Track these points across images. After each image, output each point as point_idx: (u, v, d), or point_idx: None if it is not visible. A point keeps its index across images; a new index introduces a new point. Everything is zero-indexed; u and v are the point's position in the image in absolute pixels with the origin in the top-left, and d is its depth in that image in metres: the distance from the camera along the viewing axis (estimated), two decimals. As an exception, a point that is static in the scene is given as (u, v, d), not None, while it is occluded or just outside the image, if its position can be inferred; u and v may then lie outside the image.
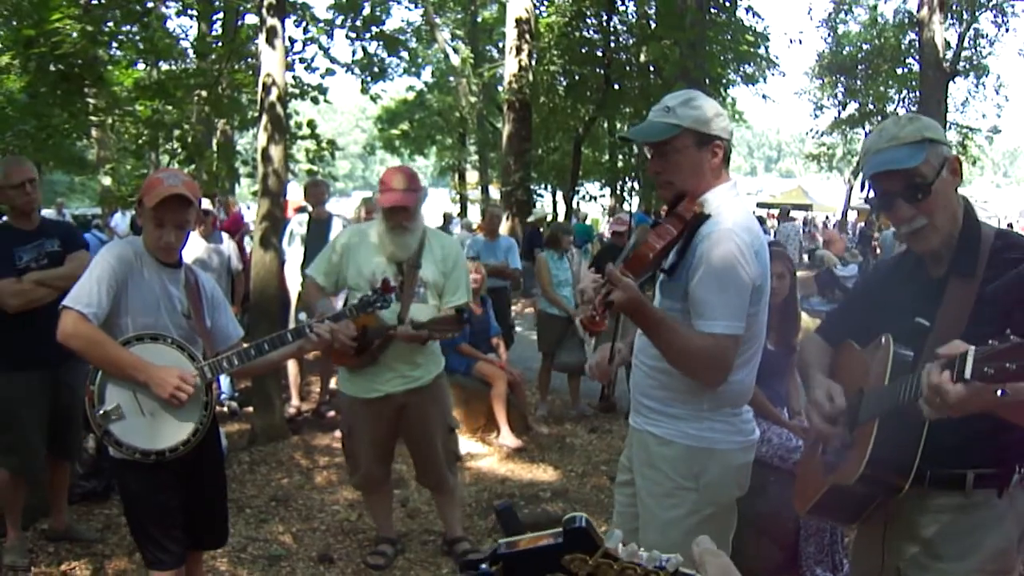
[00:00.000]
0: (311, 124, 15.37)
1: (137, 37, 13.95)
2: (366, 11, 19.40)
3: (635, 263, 3.36)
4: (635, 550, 1.43)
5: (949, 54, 31.22)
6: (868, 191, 3.02)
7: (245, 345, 4.44)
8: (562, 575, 1.45)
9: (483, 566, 1.48)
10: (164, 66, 17.23)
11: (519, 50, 23.58)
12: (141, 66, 17.48)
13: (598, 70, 27.98)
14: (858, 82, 42.11)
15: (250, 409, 9.38)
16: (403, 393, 5.73)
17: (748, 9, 29.96)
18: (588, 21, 27.84)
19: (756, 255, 3.37)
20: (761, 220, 24.51)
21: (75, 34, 11.03)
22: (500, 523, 6.70)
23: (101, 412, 4.00)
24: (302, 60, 17.26)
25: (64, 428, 5.99)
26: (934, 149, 2.86)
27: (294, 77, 16.31)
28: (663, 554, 1.44)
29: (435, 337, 5.64)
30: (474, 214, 37.45)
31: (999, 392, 2.14)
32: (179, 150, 14.97)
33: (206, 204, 9.60)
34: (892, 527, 3.10)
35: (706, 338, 3.29)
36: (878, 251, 26.72)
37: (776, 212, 35.70)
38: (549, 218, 28.39)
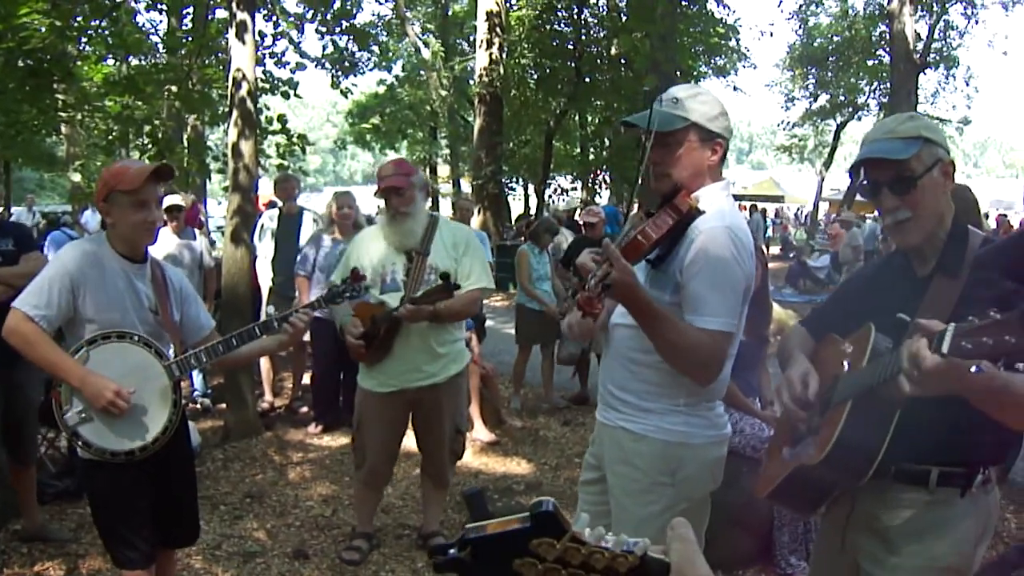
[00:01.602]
0: (282, 119, 15.34)
1: (106, 32, 13.87)
2: (336, 5, 19.37)
3: (630, 250, 3.30)
4: (602, 534, 1.44)
5: (919, 46, 31.37)
6: (860, 178, 3.04)
7: (213, 342, 4.42)
8: (530, 559, 1.46)
9: (452, 551, 1.49)
10: (134, 61, 17.18)
11: (490, 43, 23.57)
12: (111, 61, 17.38)
13: (569, 63, 28.01)
14: (829, 74, 42.22)
15: (223, 406, 9.36)
16: (416, 389, 5.74)
17: (718, 1, 30.03)
18: (559, 14, 27.89)
19: (749, 256, 3.39)
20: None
21: (43, 29, 10.95)
22: (468, 508, 6.71)
23: (69, 413, 3.97)
24: (272, 55, 17.28)
25: (16, 431, 5.95)
26: (928, 148, 2.88)
27: (264, 72, 16.31)
28: (630, 538, 1.44)
29: (433, 311, 5.52)
30: (446, 208, 37.41)
31: (974, 368, 2.15)
32: (149, 146, 14.92)
33: (178, 200, 9.58)
34: (853, 519, 3.12)
35: (702, 334, 3.26)
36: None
37: (745, 205, 35.86)
38: (532, 211, 28.45)
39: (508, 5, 25.59)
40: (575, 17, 27.57)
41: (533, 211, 31.18)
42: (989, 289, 2.75)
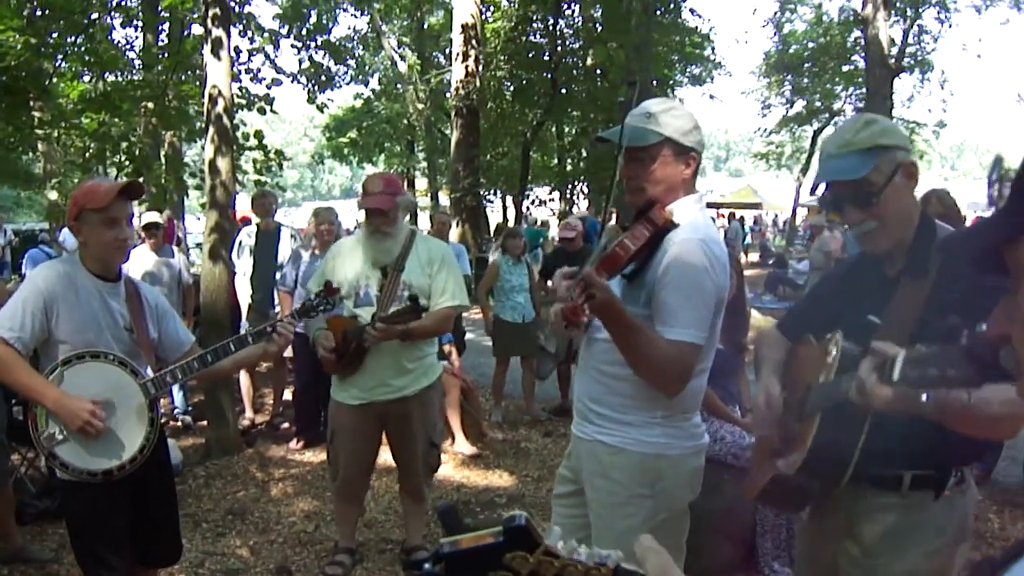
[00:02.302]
0: (258, 135, 15.35)
1: (82, 49, 13.87)
2: (312, 20, 19.43)
3: (609, 263, 3.33)
4: (575, 547, 1.45)
5: (894, 50, 31.48)
6: (821, 191, 3.06)
7: (188, 359, 4.41)
8: (504, 573, 1.46)
9: (426, 566, 1.50)
10: (110, 78, 17.13)
11: (466, 56, 23.58)
12: (87, 78, 17.34)
13: (545, 74, 28.08)
14: (805, 80, 42.28)
15: (204, 423, 9.34)
16: (385, 402, 5.73)
17: (692, 11, 30.18)
18: (534, 25, 27.97)
19: (723, 268, 3.40)
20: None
21: (19, 46, 10.94)
22: (441, 523, 6.73)
23: (46, 434, 3.96)
24: (248, 71, 17.26)
25: None
26: (886, 155, 2.88)
27: (240, 88, 16.30)
28: (603, 551, 1.46)
29: (404, 331, 5.51)
30: (424, 221, 37.41)
31: (924, 397, 2.17)
32: (126, 163, 14.89)
33: (156, 217, 9.57)
34: (832, 525, 3.14)
35: (671, 345, 3.28)
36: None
37: (724, 212, 35.99)
38: (509, 223, 28.46)
39: (484, 17, 25.64)
40: (550, 28, 27.65)
41: (511, 223, 31.18)
42: (954, 290, 2.74)
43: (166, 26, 19.78)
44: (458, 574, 1.50)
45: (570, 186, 35.49)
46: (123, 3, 17.63)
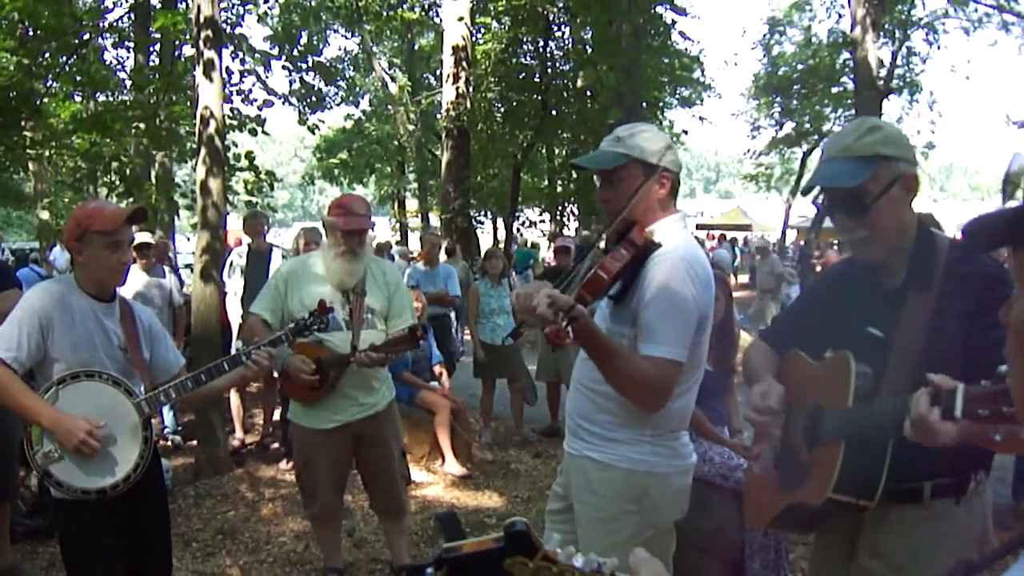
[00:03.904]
0: (249, 156, 15.33)
1: (74, 69, 13.87)
2: (303, 41, 19.46)
3: (592, 286, 3.38)
4: (572, 553, 1.48)
5: (883, 72, 31.59)
6: (815, 196, 3.07)
7: (182, 378, 4.43)
8: None
9: (428, 571, 1.53)
10: (101, 98, 17.15)
11: (456, 77, 23.60)
12: (78, 98, 17.38)
13: (535, 96, 28.07)
14: (794, 102, 42.32)
15: (194, 443, 9.35)
16: (359, 421, 5.74)
17: (682, 33, 30.21)
18: (525, 47, 27.96)
19: (705, 286, 3.44)
20: (700, 242, 24.65)
21: (11, 67, 10.96)
22: (442, 530, 6.73)
23: (40, 453, 3.98)
24: (240, 92, 17.24)
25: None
26: (886, 165, 2.87)
27: (232, 109, 16.28)
28: (599, 558, 1.49)
29: (392, 359, 5.67)
30: (414, 242, 37.38)
31: (995, 437, 2.14)
32: (117, 183, 14.87)
33: (148, 238, 9.59)
34: (852, 543, 3.13)
35: (647, 362, 3.32)
36: (818, 269, 26.94)
37: (715, 234, 36.00)
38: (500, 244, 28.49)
39: (474, 39, 25.67)
40: (540, 50, 27.68)
41: (502, 244, 31.20)
42: (963, 302, 2.78)
43: (158, 47, 19.78)
44: None
45: (560, 207, 35.50)
46: (115, 24, 17.66)
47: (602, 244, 3.71)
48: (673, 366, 3.35)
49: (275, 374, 7.64)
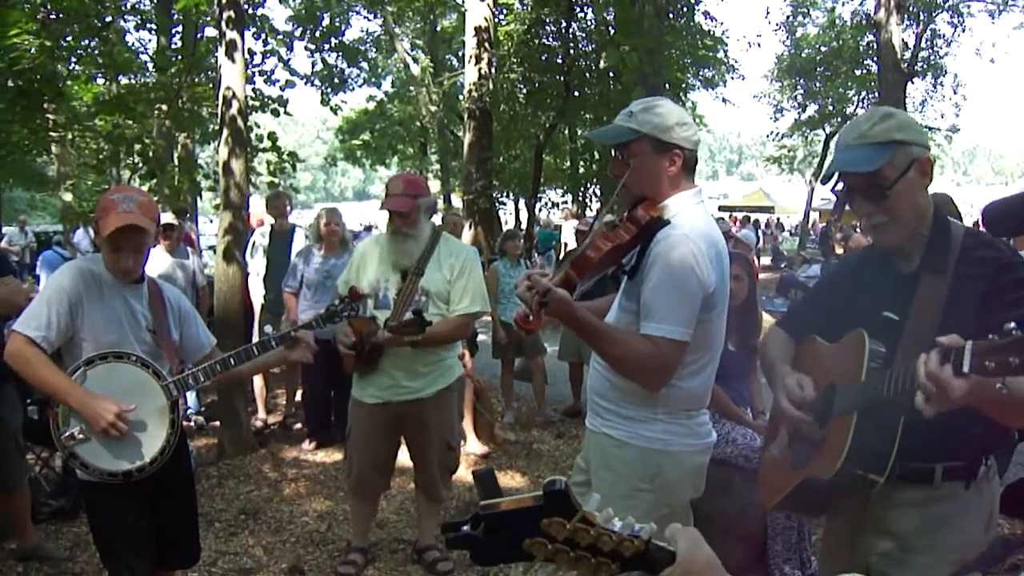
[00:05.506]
0: (272, 136, 15.35)
1: (96, 51, 13.86)
2: (325, 23, 19.43)
3: (579, 265, 3.38)
4: (611, 515, 1.48)
5: (907, 55, 31.36)
6: (835, 182, 3.06)
7: (211, 361, 4.43)
8: (540, 539, 1.49)
9: (464, 527, 1.52)
10: (124, 80, 17.13)
11: (479, 58, 23.52)
12: (100, 81, 17.35)
13: (558, 77, 27.94)
14: (817, 84, 41.99)
15: (217, 423, 9.37)
16: (401, 404, 5.77)
17: (706, 14, 30.05)
18: (547, 28, 27.84)
19: (712, 262, 3.40)
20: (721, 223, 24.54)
21: (33, 49, 10.95)
22: (479, 488, 6.74)
23: (67, 434, 3.97)
24: (262, 73, 17.27)
25: None
26: (901, 151, 2.88)
27: (254, 90, 16.32)
28: (637, 523, 1.48)
29: (406, 343, 5.53)
30: (437, 222, 37.33)
31: (999, 386, 2.17)
32: (140, 165, 14.87)
33: (171, 218, 9.59)
34: (860, 523, 3.14)
35: (645, 341, 3.32)
36: (838, 251, 26.86)
37: (739, 216, 35.86)
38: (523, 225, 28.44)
39: (496, 20, 25.58)
40: (563, 31, 27.54)
41: (524, 225, 31.16)
42: (976, 285, 2.79)
43: (180, 29, 19.78)
44: (495, 537, 1.52)
45: (583, 188, 35.44)
46: (137, 6, 17.68)
47: (607, 219, 3.70)
48: (672, 344, 3.34)
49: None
